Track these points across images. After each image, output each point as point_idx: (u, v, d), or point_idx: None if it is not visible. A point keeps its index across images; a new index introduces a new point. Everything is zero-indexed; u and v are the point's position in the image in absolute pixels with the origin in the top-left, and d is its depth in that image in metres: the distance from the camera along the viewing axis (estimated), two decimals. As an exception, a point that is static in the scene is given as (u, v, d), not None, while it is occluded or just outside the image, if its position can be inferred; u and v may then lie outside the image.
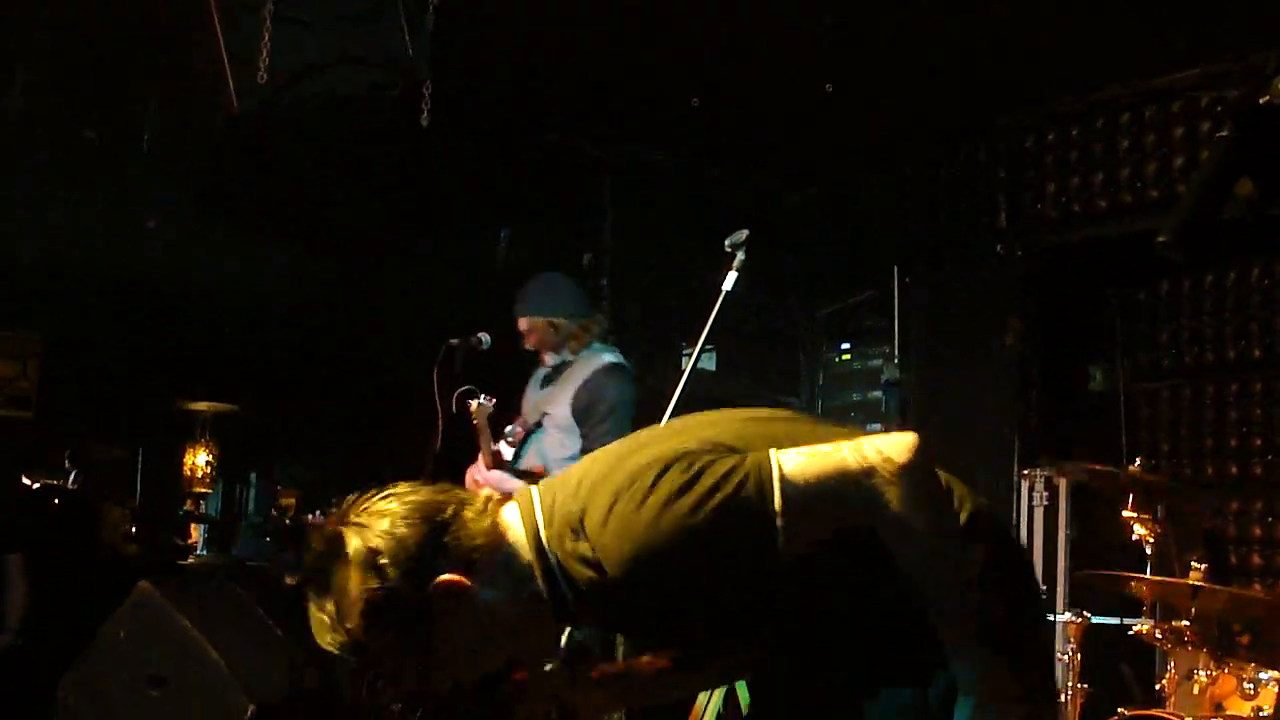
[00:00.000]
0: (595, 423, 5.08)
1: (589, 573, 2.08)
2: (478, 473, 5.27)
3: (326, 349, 7.39)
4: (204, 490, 7.31)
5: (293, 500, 7.30)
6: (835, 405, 7.47)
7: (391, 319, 7.39)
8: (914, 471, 2.01)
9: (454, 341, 4.67)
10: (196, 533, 7.19)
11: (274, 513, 7.27)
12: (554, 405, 5.14)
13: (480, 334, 4.76)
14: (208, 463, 7.32)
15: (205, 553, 7.05)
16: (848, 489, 2.01)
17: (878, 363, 7.22)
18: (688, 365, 3.89)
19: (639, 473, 2.04)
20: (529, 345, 5.31)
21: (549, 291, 5.27)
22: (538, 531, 2.14)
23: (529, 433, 5.33)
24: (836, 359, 7.53)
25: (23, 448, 6.85)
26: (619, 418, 5.08)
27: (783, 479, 2.00)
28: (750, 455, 2.04)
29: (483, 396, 5.04)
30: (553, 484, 2.22)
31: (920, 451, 2.04)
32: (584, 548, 2.07)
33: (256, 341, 7.26)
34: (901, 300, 6.92)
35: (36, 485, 6.34)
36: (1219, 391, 6.36)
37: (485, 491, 2.26)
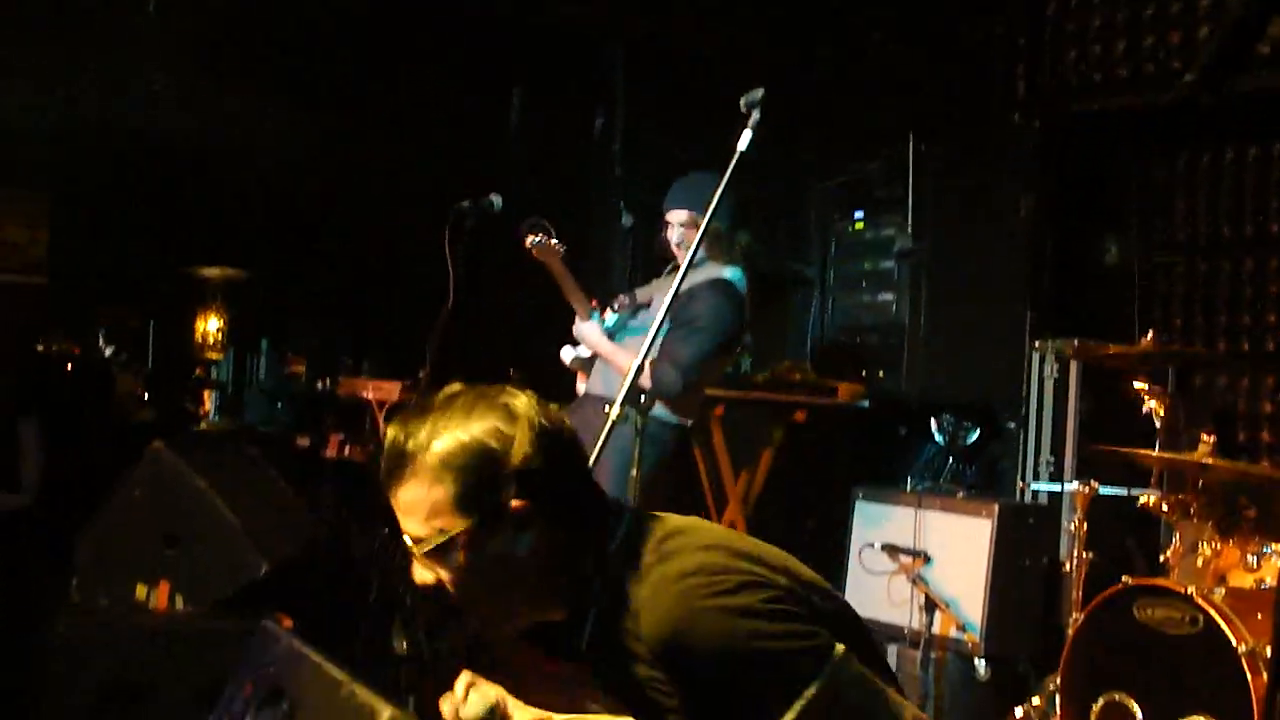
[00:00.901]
0: (679, 325, 4.99)
1: (621, 608, 2.09)
2: (576, 327, 5.26)
3: (337, 213, 7.35)
4: (215, 357, 7.31)
5: (302, 368, 7.31)
6: (847, 274, 7.44)
7: (403, 182, 7.35)
8: None
9: (465, 204, 4.61)
10: (209, 400, 7.21)
11: (284, 379, 7.29)
12: (662, 295, 5.04)
13: (492, 196, 4.69)
14: (218, 329, 7.31)
15: (217, 419, 7.09)
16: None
17: (890, 232, 7.17)
18: (699, 229, 3.86)
19: (730, 572, 2.05)
20: (672, 239, 5.19)
21: (709, 192, 5.05)
22: (606, 546, 2.15)
23: (635, 309, 5.29)
24: (849, 228, 7.48)
25: (35, 313, 6.87)
26: (707, 334, 5.01)
27: (833, 673, 2.01)
28: (825, 637, 2.05)
29: (542, 235, 4.92)
30: (653, 521, 2.21)
31: None
32: (634, 590, 2.08)
33: (267, 206, 7.22)
34: (916, 169, 6.85)
35: (51, 350, 6.37)
36: (1234, 267, 6.32)
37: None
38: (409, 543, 2.13)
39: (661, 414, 5.07)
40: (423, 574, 2.16)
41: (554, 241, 4.96)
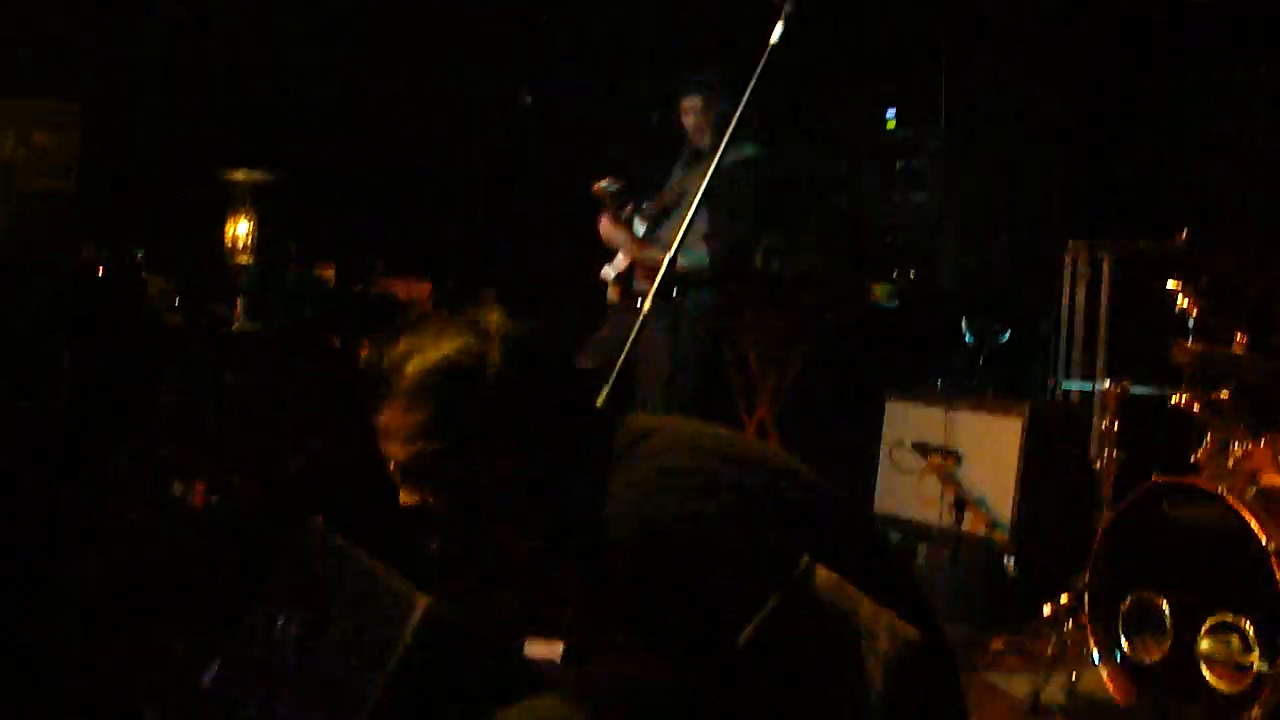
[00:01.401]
0: (720, 208, 5.14)
1: (595, 519, 2.04)
2: (602, 226, 5.50)
3: (366, 115, 7.32)
4: (245, 260, 7.33)
5: (331, 271, 7.32)
6: (879, 175, 7.38)
7: (431, 85, 7.30)
8: (906, 664, 1.97)
9: (495, 101, 4.62)
10: (239, 303, 7.24)
11: (314, 282, 7.31)
12: (692, 186, 5.17)
13: (526, 96, 4.73)
14: (248, 233, 7.32)
15: (247, 322, 7.12)
16: (845, 633, 1.97)
17: (923, 132, 7.10)
18: (731, 123, 3.83)
19: (695, 474, 2.01)
20: (687, 124, 5.46)
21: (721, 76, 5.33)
22: (584, 457, 2.11)
23: (667, 209, 5.40)
24: (881, 128, 7.41)
25: (66, 218, 6.90)
26: (749, 207, 5.30)
27: (795, 586, 1.94)
28: (791, 547, 1.97)
29: (606, 180, 5.32)
30: (635, 423, 2.18)
31: (921, 653, 1.99)
32: (604, 499, 2.03)
33: (296, 110, 7.20)
34: (949, 68, 6.78)
35: (81, 254, 6.39)
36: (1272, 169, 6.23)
37: None
38: (391, 467, 2.12)
39: (706, 294, 5.21)
40: (407, 497, 2.15)
41: (611, 182, 5.16)
